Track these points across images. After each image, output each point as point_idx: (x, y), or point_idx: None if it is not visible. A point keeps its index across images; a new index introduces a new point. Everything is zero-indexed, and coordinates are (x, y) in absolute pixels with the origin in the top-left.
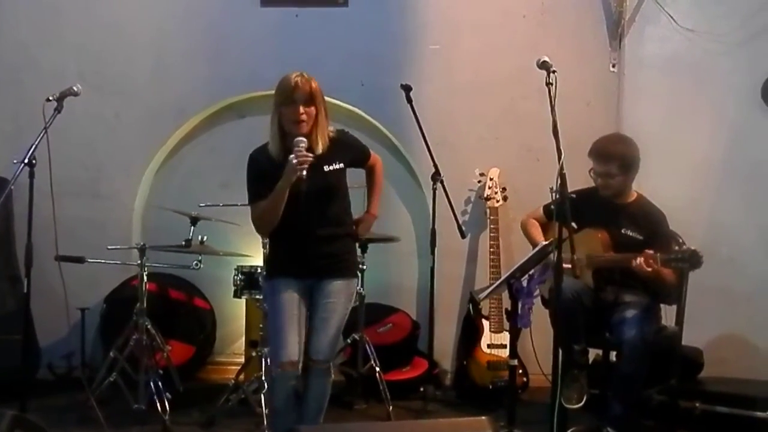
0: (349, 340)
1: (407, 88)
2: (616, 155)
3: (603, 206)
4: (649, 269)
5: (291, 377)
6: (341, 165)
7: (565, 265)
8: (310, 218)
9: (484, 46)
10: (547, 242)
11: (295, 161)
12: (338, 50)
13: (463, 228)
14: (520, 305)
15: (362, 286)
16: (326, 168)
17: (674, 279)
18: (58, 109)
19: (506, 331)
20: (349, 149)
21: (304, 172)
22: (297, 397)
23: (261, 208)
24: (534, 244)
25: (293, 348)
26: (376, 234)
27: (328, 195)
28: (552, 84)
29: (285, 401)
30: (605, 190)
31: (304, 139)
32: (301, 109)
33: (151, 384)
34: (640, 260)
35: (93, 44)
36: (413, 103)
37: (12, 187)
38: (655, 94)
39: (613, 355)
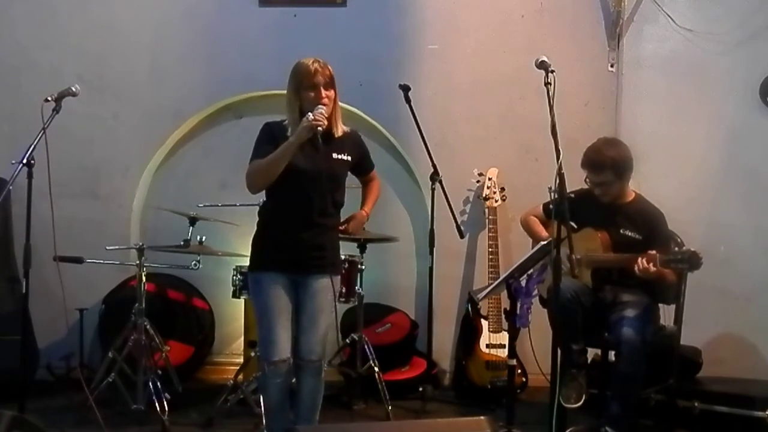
0: (347, 340)
1: (406, 88)
2: (607, 163)
3: (601, 206)
4: (654, 269)
5: (282, 374)
6: (348, 158)
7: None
8: (307, 200)
9: (483, 46)
10: (545, 242)
11: (311, 117)
12: (336, 50)
13: (462, 228)
14: (518, 305)
15: (361, 286)
16: (334, 155)
17: (674, 278)
18: (56, 110)
19: (505, 330)
20: (359, 148)
21: (320, 128)
22: (290, 396)
23: (261, 161)
24: (537, 239)
25: (284, 345)
26: (374, 234)
27: (328, 179)
28: (550, 84)
29: (278, 398)
30: (605, 197)
31: (325, 108)
32: (323, 93)
33: (150, 384)
34: (642, 261)
35: (91, 45)
36: (412, 103)
37: (10, 188)
38: (653, 94)
39: (611, 355)
